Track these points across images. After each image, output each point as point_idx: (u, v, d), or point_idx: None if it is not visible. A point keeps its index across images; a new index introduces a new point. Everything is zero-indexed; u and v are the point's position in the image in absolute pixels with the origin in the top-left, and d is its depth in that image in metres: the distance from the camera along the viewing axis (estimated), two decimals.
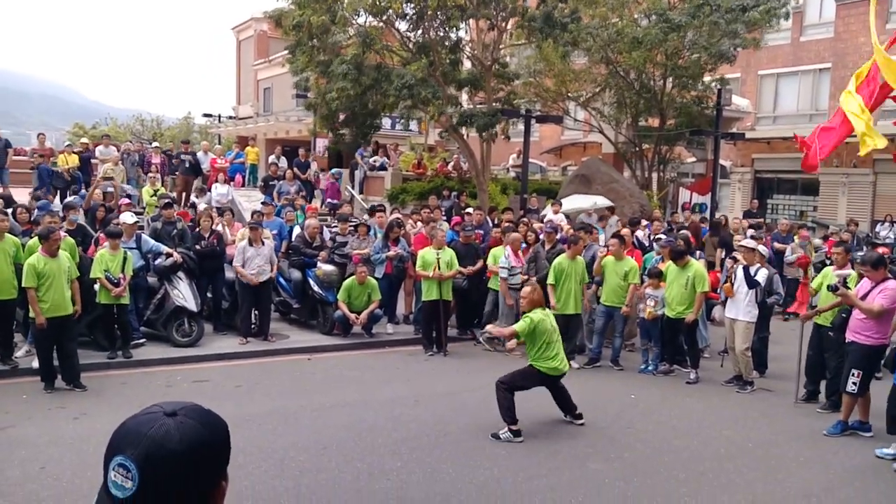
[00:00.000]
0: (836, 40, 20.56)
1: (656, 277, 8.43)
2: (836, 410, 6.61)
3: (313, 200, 15.72)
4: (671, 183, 20.15)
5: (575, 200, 13.96)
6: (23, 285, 6.75)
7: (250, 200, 15.73)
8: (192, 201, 13.48)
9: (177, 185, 15.67)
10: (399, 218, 11.09)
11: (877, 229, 16.91)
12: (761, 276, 7.61)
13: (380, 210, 11.39)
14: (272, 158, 17.77)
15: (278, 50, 25.58)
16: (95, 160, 15.12)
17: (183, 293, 8.60)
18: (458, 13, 13.91)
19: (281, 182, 15.17)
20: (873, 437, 6.10)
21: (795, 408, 7.15)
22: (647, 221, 12.06)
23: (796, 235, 12.50)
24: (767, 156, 22.24)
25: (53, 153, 15.05)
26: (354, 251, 9.94)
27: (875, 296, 6.05)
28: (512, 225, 10.23)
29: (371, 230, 10.55)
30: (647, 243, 10.89)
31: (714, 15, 14.90)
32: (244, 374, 7.75)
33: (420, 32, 14.75)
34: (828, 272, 7.22)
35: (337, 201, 15.23)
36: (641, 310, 8.63)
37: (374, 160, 18.73)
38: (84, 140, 18.18)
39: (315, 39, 14.33)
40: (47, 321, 6.70)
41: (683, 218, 14.70)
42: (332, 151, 17.19)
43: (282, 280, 9.92)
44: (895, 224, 16.47)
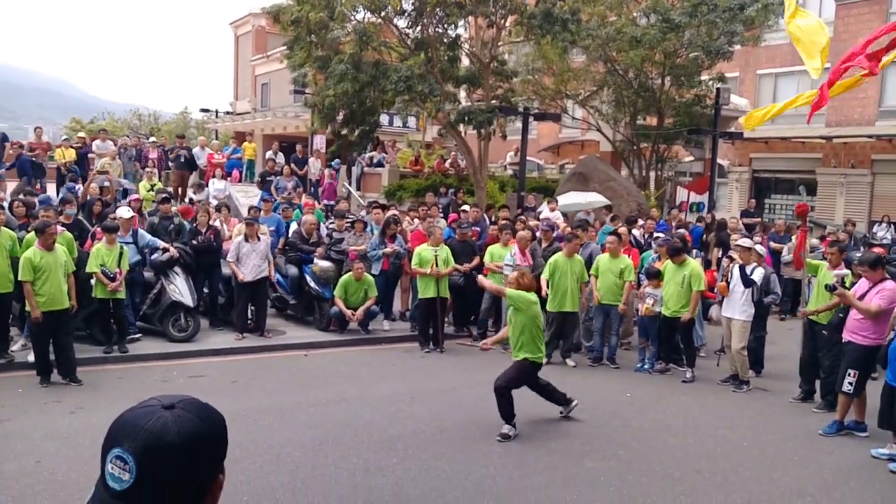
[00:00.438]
0: (836, 40, 20.45)
1: (655, 278, 8.43)
2: (832, 410, 6.63)
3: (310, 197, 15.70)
4: (669, 182, 20.18)
5: (571, 197, 13.97)
6: (19, 279, 6.74)
7: (247, 196, 15.72)
8: (190, 197, 13.45)
9: (172, 181, 15.63)
10: (396, 215, 11.08)
11: (874, 230, 16.94)
12: (758, 276, 7.63)
13: (377, 208, 11.37)
14: (269, 154, 17.74)
15: (276, 45, 25.50)
16: (92, 155, 15.06)
17: (179, 288, 8.58)
18: (457, 10, 13.89)
19: (278, 178, 15.15)
20: (869, 438, 6.12)
21: (791, 407, 7.17)
22: (644, 220, 12.08)
23: (794, 235, 12.52)
24: (765, 155, 22.28)
25: (50, 147, 15.00)
26: (351, 247, 9.93)
27: (873, 296, 6.07)
28: (509, 222, 10.23)
29: (368, 227, 10.54)
30: (644, 242, 10.91)
31: (711, 14, 14.90)
32: (240, 370, 7.74)
33: (418, 29, 14.71)
34: (822, 266, 7.20)
35: (333, 202, 15.22)
36: (639, 308, 8.65)
37: (372, 157, 18.72)
38: (81, 134, 18.10)
39: (313, 35, 14.29)
40: (43, 315, 6.68)
41: (671, 218, 14.50)
42: (335, 152, 17.21)
43: (278, 276, 9.90)
44: (892, 225, 16.51)
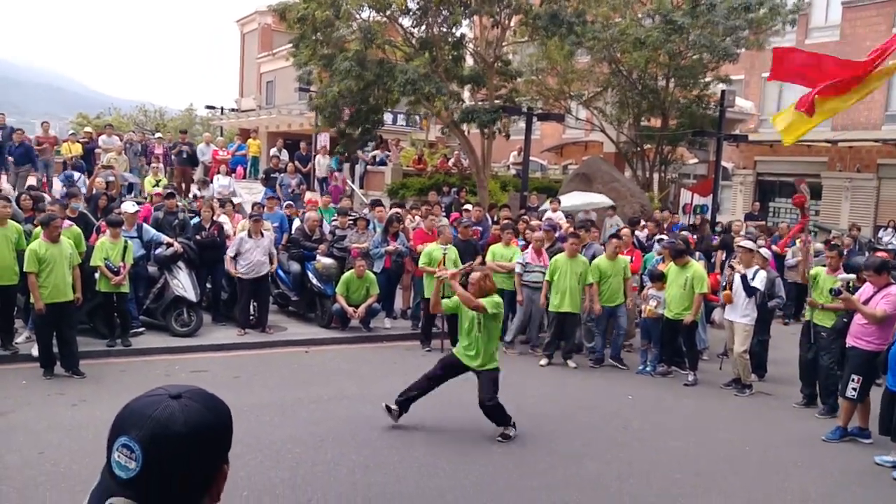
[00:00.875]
0: (843, 43, 20.51)
1: (658, 280, 8.42)
2: (834, 415, 6.61)
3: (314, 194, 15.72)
4: (672, 184, 20.14)
5: (573, 198, 13.94)
6: (24, 270, 6.76)
7: (251, 192, 15.75)
8: (194, 193, 13.49)
9: (174, 176, 15.68)
10: (398, 213, 11.09)
11: (879, 234, 16.89)
12: (760, 280, 7.58)
13: (394, 207, 11.28)
14: (274, 151, 17.78)
15: (282, 43, 25.54)
16: (99, 149, 15.12)
17: (182, 283, 8.60)
18: (462, 9, 13.89)
19: (282, 175, 15.18)
20: (872, 444, 6.09)
21: (794, 412, 7.15)
22: (646, 222, 12.08)
23: (798, 239, 12.49)
24: (770, 158, 22.24)
25: (57, 142, 15.05)
26: (353, 245, 9.94)
27: (878, 301, 6.05)
28: (511, 222, 10.23)
29: (370, 224, 10.55)
30: (647, 243, 10.90)
31: (710, 14, 14.84)
32: (242, 365, 7.75)
33: (423, 28, 14.72)
34: (820, 272, 7.17)
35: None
36: (642, 309, 8.63)
37: (374, 155, 18.73)
38: (88, 129, 18.17)
39: (319, 33, 14.31)
40: (47, 307, 6.71)
41: (663, 219, 14.15)
42: (340, 150, 17.22)
43: (281, 272, 9.92)
44: None
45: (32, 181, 12.94)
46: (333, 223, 11.04)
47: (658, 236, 10.59)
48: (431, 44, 14.47)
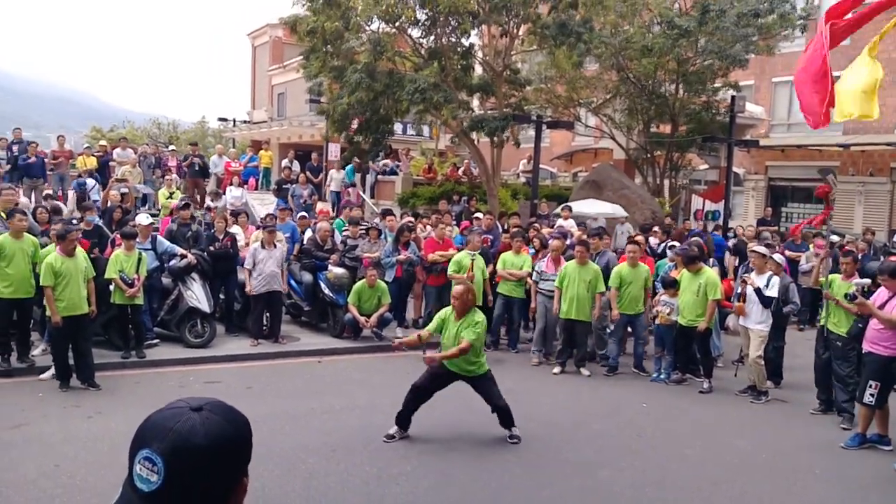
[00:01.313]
0: (852, 48, 20.13)
1: (671, 286, 8.37)
2: (852, 424, 6.51)
3: (325, 205, 15.80)
4: (683, 190, 20.04)
5: (585, 205, 13.90)
6: (41, 284, 6.84)
7: (263, 203, 15.85)
8: (208, 204, 13.60)
9: (187, 188, 15.82)
10: (412, 222, 11.12)
11: (894, 239, 16.70)
12: (774, 287, 7.51)
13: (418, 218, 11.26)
14: (285, 162, 17.90)
15: (293, 56, 25.76)
16: (113, 162, 15.30)
17: (196, 294, 8.66)
18: (471, 19, 13.96)
19: (294, 186, 15.28)
20: (893, 451, 6.00)
21: (811, 419, 7.06)
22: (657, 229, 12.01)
23: (811, 244, 12.38)
24: (782, 163, 22.07)
25: (73, 155, 15.26)
26: (365, 254, 9.97)
27: (894, 305, 5.97)
28: (520, 230, 10.22)
29: (382, 234, 10.59)
30: (659, 250, 10.84)
31: (719, 20, 14.80)
32: (255, 376, 7.78)
33: (432, 38, 14.80)
34: (835, 279, 7.09)
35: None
36: (655, 316, 8.58)
37: (385, 164, 18.81)
38: (102, 143, 18.40)
39: (329, 45, 14.42)
40: (63, 320, 6.78)
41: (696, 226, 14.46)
42: (348, 158, 17.31)
43: (293, 282, 9.96)
44: None
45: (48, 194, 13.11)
46: (345, 233, 11.09)
47: (671, 242, 10.54)
48: (440, 54, 14.55)
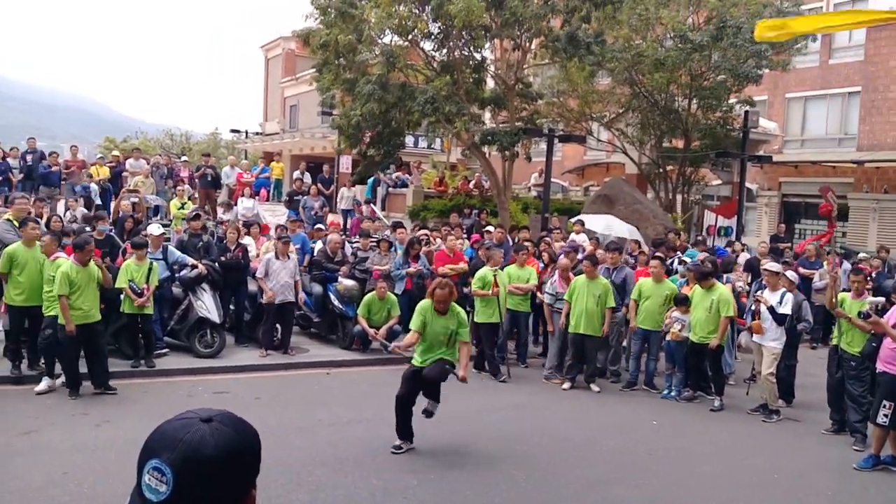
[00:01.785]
0: (867, 63, 20.30)
1: (683, 303, 8.30)
2: (866, 443, 6.39)
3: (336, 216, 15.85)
4: (696, 205, 19.94)
5: (597, 221, 13.82)
6: (56, 293, 6.88)
7: (275, 214, 15.93)
8: (220, 217, 13.69)
9: (199, 199, 15.94)
10: (426, 234, 11.13)
11: None
12: (787, 304, 7.42)
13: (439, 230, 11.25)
14: (297, 174, 18.00)
15: (305, 68, 26.05)
16: (126, 173, 15.46)
17: (206, 304, 8.69)
18: (483, 33, 14.05)
19: (305, 197, 15.36)
20: None
21: (824, 438, 6.95)
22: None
23: (825, 261, 12.26)
24: (795, 180, 21.93)
25: (86, 165, 15.44)
26: (375, 267, 9.98)
27: None
28: (523, 243, 10.18)
29: (392, 246, 10.60)
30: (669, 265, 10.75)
31: (735, 38, 14.81)
32: (264, 387, 7.78)
33: (444, 52, 14.90)
34: (845, 298, 6.98)
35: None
36: (667, 332, 8.50)
37: (396, 177, 18.89)
38: (115, 153, 18.61)
39: (342, 58, 14.56)
40: (77, 328, 6.83)
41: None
42: (362, 173, 17.41)
43: (303, 293, 9.97)
44: None
45: (60, 205, 13.26)
46: (355, 245, 11.11)
47: (680, 256, 10.47)
48: (452, 67, 14.64)
